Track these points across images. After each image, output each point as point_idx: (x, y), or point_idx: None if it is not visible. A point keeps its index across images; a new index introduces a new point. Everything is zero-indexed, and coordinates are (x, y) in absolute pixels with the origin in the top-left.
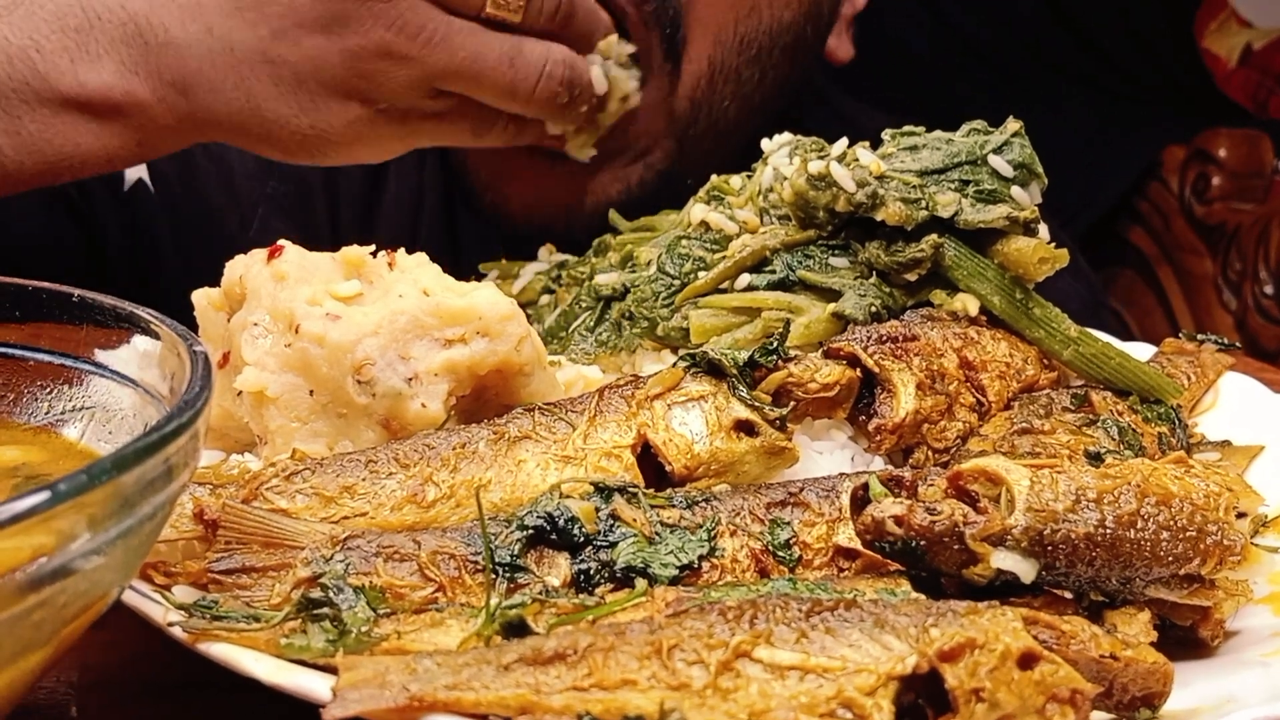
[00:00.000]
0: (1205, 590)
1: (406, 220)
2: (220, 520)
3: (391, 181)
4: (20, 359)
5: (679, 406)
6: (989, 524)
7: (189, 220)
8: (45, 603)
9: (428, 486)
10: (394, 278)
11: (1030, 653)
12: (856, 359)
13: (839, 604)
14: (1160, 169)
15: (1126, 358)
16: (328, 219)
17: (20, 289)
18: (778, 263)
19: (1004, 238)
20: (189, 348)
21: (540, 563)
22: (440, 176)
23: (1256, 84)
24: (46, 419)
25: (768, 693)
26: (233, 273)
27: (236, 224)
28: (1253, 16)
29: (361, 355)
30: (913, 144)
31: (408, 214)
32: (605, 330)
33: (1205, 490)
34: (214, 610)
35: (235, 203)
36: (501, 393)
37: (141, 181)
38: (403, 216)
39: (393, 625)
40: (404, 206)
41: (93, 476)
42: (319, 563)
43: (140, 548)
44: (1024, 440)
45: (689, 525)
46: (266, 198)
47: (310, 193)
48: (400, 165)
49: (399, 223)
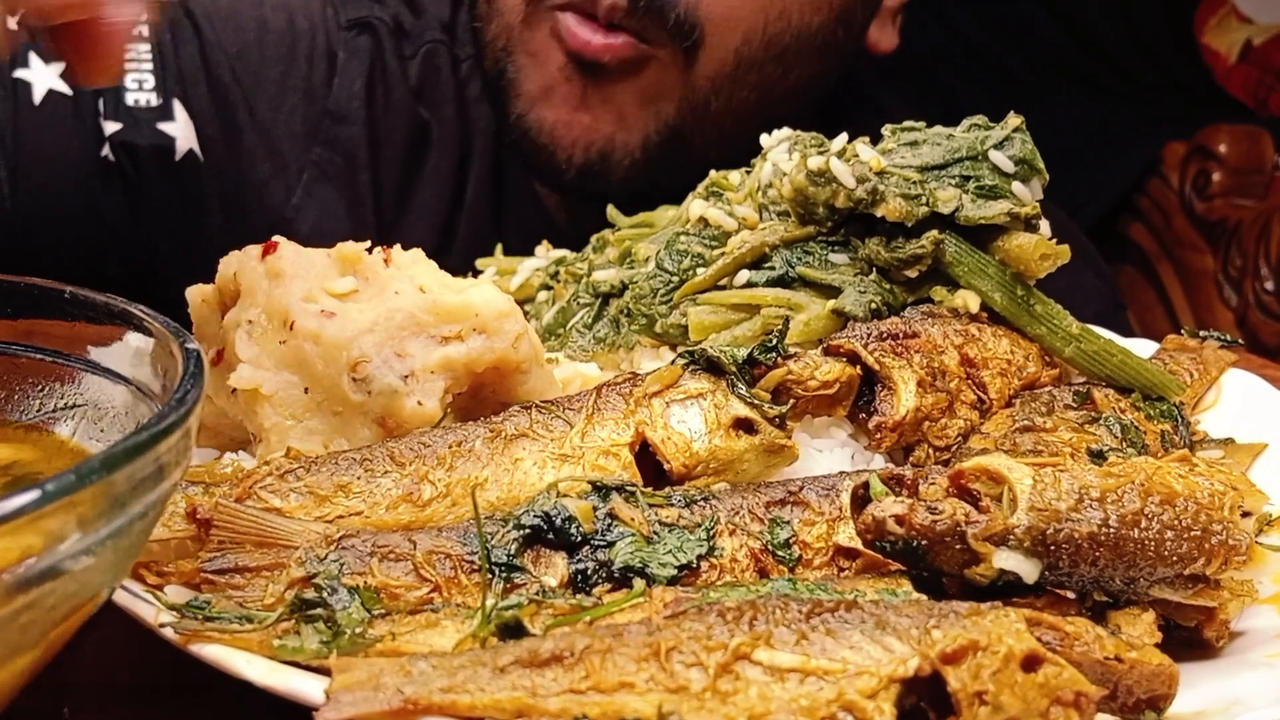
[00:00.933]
0: (1210, 590)
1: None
2: (213, 519)
3: (434, 152)
4: (12, 356)
5: (677, 404)
6: (991, 523)
7: (235, 189)
8: (34, 604)
9: (423, 485)
10: (390, 274)
11: (1034, 655)
12: (856, 356)
13: (840, 605)
14: (1161, 165)
15: (1129, 355)
16: (370, 188)
17: (12, 285)
18: (777, 259)
19: (1005, 234)
20: (181, 345)
21: (537, 562)
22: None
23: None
24: (38, 416)
25: (767, 695)
26: (227, 269)
27: (282, 192)
28: (1252, 12)
29: (357, 352)
30: (913, 139)
31: (448, 184)
32: (603, 327)
33: (1210, 489)
34: (206, 611)
35: (281, 171)
36: (498, 390)
37: (192, 151)
38: (442, 186)
39: (387, 626)
40: (444, 177)
41: (81, 476)
42: (313, 562)
43: (131, 548)
44: (1026, 438)
45: (688, 524)
46: (311, 164)
47: (354, 160)
48: (443, 133)
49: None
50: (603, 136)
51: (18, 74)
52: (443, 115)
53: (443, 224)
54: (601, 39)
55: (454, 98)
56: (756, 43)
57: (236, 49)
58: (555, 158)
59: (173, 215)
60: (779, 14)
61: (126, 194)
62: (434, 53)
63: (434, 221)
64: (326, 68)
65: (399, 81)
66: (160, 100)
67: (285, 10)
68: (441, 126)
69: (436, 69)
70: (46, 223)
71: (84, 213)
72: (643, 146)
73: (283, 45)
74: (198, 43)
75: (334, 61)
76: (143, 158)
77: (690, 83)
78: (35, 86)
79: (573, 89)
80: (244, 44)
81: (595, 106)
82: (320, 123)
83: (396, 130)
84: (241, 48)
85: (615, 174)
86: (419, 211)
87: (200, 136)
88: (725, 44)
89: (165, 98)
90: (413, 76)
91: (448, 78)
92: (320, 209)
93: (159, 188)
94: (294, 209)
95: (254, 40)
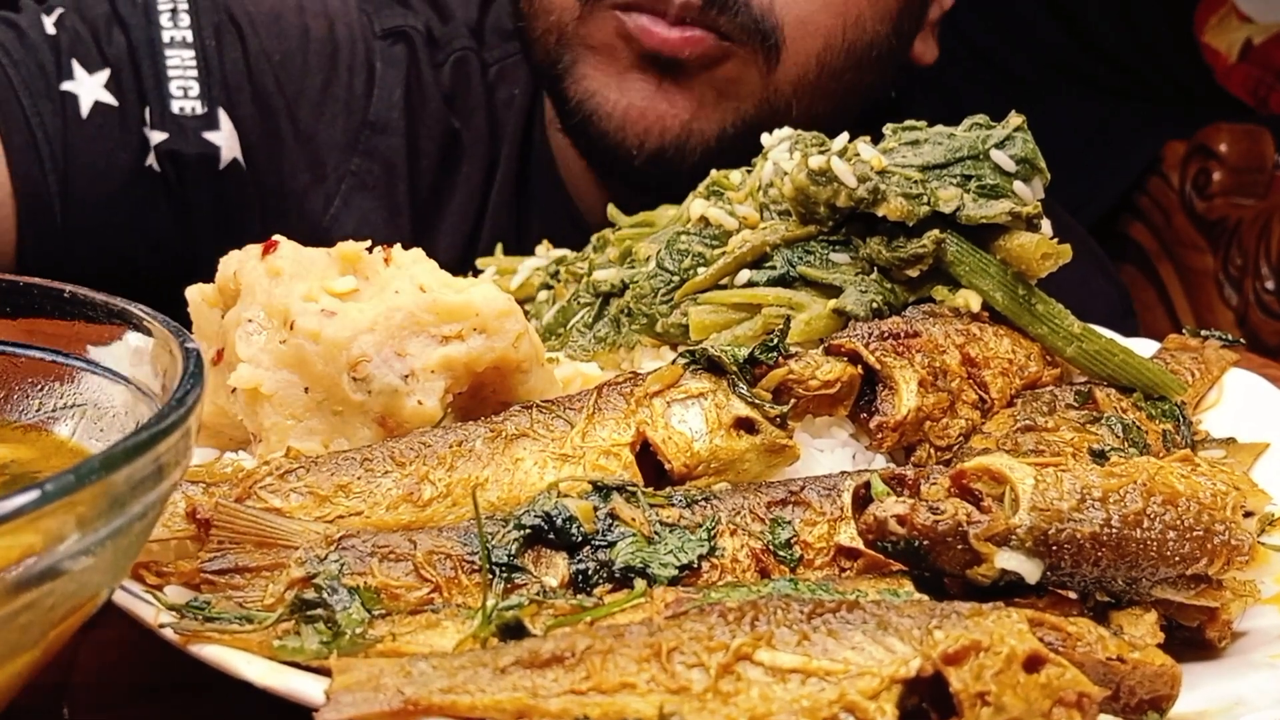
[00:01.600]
0: (1213, 591)
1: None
2: (213, 519)
3: (465, 160)
4: (12, 355)
5: (678, 404)
6: (993, 523)
7: (276, 198)
8: (33, 605)
9: (424, 485)
10: (390, 274)
11: (1036, 655)
12: (858, 356)
13: (841, 605)
14: (1161, 164)
15: (1130, 354)
16: (408, 197)
17: (12, 285)
18: (778, 258)
19: (1006, 233)
20: (181, 344)
21: (538, 563)
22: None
23: (1257, 79)
24: (38, 416)
25: (769, 696)
26: (227, 268)
27: (321, 202)
28: (1252, 11)
29: (357, 352)
30: (914, 139)
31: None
32: (604, 327)
33: (1212, 489)
34: (206, 611)
35: (320, 180)
36: (499, 390)
37: (236, 160)
38: (471, 194)
39: (388, 626)
40: (473, 185)
41: (81, 476)
42: (313, 563)
43: (131, 548)
44: (1027, 438)
45: (688, 524)
46: (350, 174)
47: (392, 170)
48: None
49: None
50: (679, 123)
51: (64, 86)
52: (473, 123)
53: (471, 229)
54: (679, 34)
55: (483, 105)
56: (838, 49)
57: (280, 56)
58: (625, 144)
59: (214, 224)
60: (855, 20)
61: (170, 204)
62: (464, 60)
63: (463, 229)
64: (366, 77)
65: (433, 91)
66: (205, 109)
67: (325, 18)
68: (471, 134)
69: (466, 76)
70: (91, 233)
71: (128, 222)
72: (718, 137)
73: (324, 54)
74: (242, 49)
75: (372, 71)
76: (187, 167)
77: (772, 85)
78: (82, 99)
79: (647, 81)
80: (287, 51)
81: (672, 94)
82: (360, 133)
83: (431, 139)
84: (284, 55)
85: (688, 160)
86: (450, 219)
87: (244, 145)
88: (807, 49)
89: (210, 106)
90: (445, 84)
91: (477, 84)
92: (358, 219)
93: (202, 197)
94: (331, 219)
95: (297, 48)
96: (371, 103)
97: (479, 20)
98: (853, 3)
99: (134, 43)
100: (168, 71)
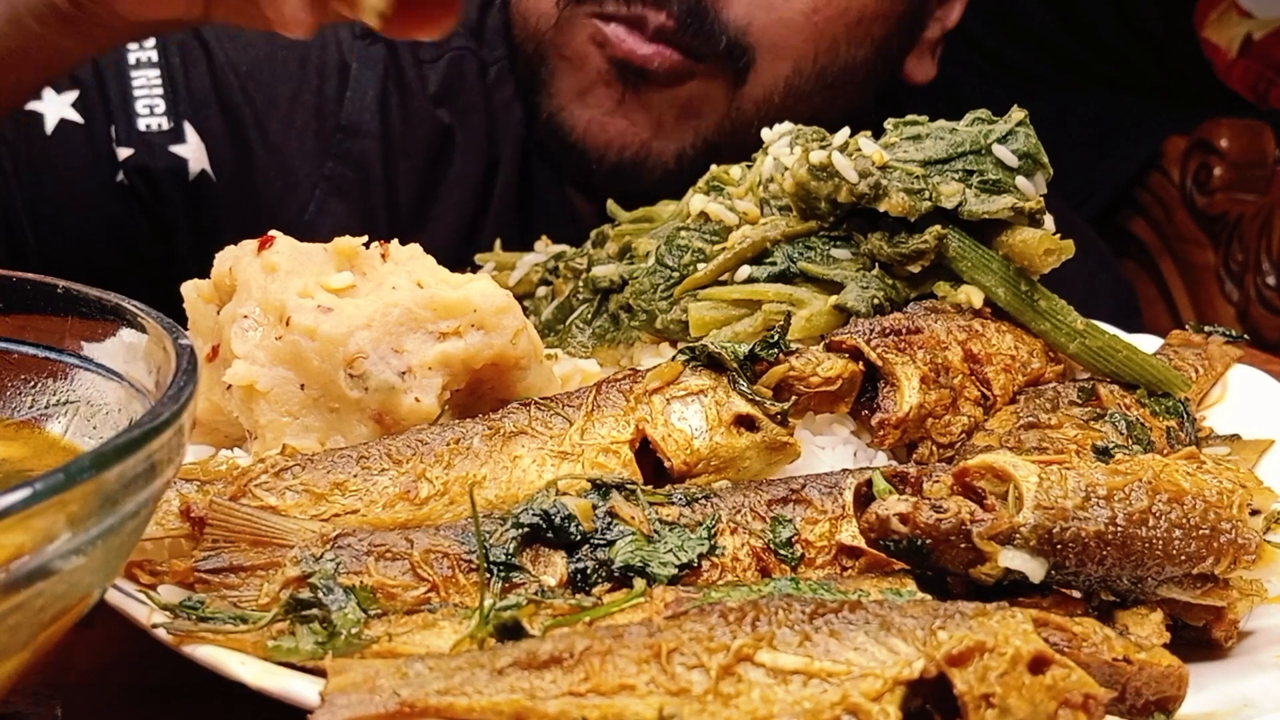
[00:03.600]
0: (1219, 590)
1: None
2: (207, 518)
3: (458, 157)
4: (4, 351)
5: (678, 401)
6: (997, 522)
7: (249, 207)
8: (22, 605)
9: (421, 483)
10: (387, 270)
11: (1041, 656)
12: (859, 352)
13: (843, 605)
14: (1161, 160)
15: (1134, 350)
16: (384, 201)
17: (4, 280)
18: (778, 254)
19: (1009, 229)
20: (174, 341)
21: (536, 562)
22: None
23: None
24: (30, 413)
25: (770, 698)
26: (222, 264)
27: (295, 209)
28: (1253, 7)
29: (354, 348)
30: (916, 133)
31: (473, 189)
32: (603, 323)
33: (1218, 487)
34: (200, 611)
35: (294, 187)
36: (497, 387)
37: (205, 171)
38: (467, 192)
39: (384, 627)
40: (469, 182)
41: (72, 474)
42: (309, 562)
43: (123, 547)
44: (1030, 435)
45: (688, 523)
46: (324, 179)
47: (367, 173)
48: (469, 138)
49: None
50: (638, 142)
51: (29, 105)
52: (469, 121)
53: (467, 230)
54: (650, 48)
55: (481, 103)
56: (807, 73)
57: (247, 67)
58: (585, 157)
59: (191, 234)
60: (829, 45)
61: (146, 217)
62: (459, 59)
63: (458, 228)
64: (338, 81)
65: (417, 89)
66: (171, 124)
67: None
68: (467, 132)
69: (462, 75)
70: (69, 251)
71: (106, 238)
72: (677, 158)
73: (293, 60)
74: (207, 63)
75: (346, 74)
76: (156, 181)
77: (735, 104)
78: (47, 117)
79: (610, 92)
80: (254, 61)
81: (633, 112)
82: (333, 137)
83: (416, 138)
84: (251, 66)
85: (646, 180)
86: (442, 218)
87: (212, 157)
88: (775, 72)
89: (176, 120)
90: (433, 83)
91: (474, 83)
92: (333, 224)
93: (175, 209)
94: (306, 225)
95: (264, 57)
96: (343, 106)
97: (479, 20)
98: (828, 28)
99: (101, 64)
100: (134, 91)
